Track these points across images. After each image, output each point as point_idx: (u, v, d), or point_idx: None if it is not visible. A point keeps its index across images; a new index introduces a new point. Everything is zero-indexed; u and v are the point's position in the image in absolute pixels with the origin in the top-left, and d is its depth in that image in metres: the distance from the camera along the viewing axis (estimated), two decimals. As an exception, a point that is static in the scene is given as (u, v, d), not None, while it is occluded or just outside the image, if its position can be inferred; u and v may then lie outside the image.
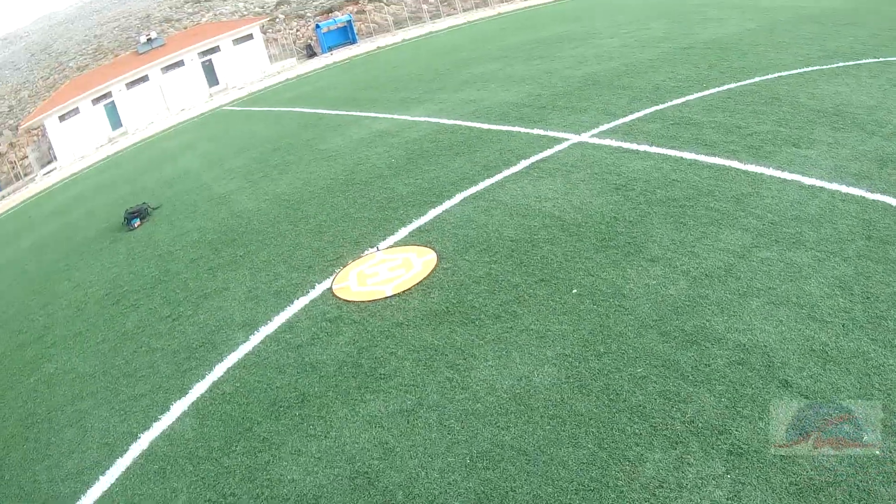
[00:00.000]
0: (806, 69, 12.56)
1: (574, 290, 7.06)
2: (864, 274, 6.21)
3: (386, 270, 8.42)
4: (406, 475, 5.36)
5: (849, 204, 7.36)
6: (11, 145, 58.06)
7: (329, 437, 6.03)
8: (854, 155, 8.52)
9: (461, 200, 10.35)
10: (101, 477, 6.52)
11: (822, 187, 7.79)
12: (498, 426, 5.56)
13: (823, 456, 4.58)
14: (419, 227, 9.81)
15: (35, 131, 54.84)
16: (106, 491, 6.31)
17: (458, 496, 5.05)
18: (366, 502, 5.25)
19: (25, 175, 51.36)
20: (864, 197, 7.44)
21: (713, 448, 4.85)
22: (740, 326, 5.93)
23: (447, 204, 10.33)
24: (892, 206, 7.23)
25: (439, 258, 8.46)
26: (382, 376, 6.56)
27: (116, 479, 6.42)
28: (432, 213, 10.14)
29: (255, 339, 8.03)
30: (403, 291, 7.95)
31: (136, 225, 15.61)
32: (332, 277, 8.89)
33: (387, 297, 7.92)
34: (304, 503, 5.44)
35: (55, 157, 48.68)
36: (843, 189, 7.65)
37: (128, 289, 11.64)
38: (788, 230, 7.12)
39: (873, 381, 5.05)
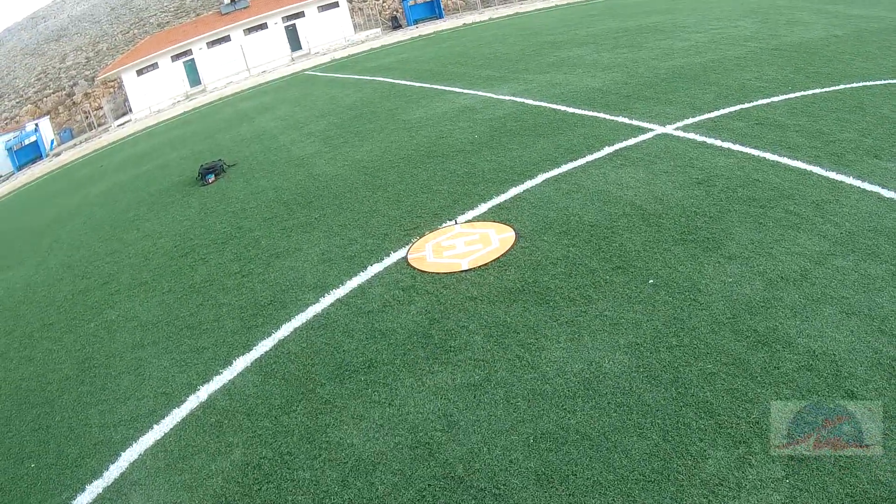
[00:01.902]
0: (892, 80, 12.26)
1: (650, 281, 7.10)
2: None
3: (463, 244, 8.56)
4: (468, 449, 5.51)
5: None
6: (87, 95, 59.91)
7: (393, 405, 6.22)
8: (933, 171, 8.38)
9: (542, 181, 10.43)
10: (154, 425, 6.85)
11: None
12: (564, 409, 5.67)
13: (881, 470, 4.59)
14: (499, 205, 9.93)
15: (112, 83, 56.52)
16: (159, 440, 6.62)
17: (518, 475, 5.17)
18: (425, 473, 5.41)
19: (99, 125, 53.02)
20: (940, 215, 7.33)
21: (775, 451, 4.89)
22: (812, 332, 5.92)
23: (528, 184, 10.42)
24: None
25: (518, 236, 8.57)
26: (452, 349, 6.72)
27: (171, 429, 6.73)
28: (513, 192, 10.24)
29: (326, 301, 8.27)
30: (479, 266, 8.08)
31: (210, 180, 16.04)
32: (407, 247, 9.07)
33: (462, 271, 8.06)
34: (362, 468, 5.63)
35: (130, 110, 50.15)
36: None
37: (198, 242, 12.03)
38: (865, 241, 7.04)
39: None
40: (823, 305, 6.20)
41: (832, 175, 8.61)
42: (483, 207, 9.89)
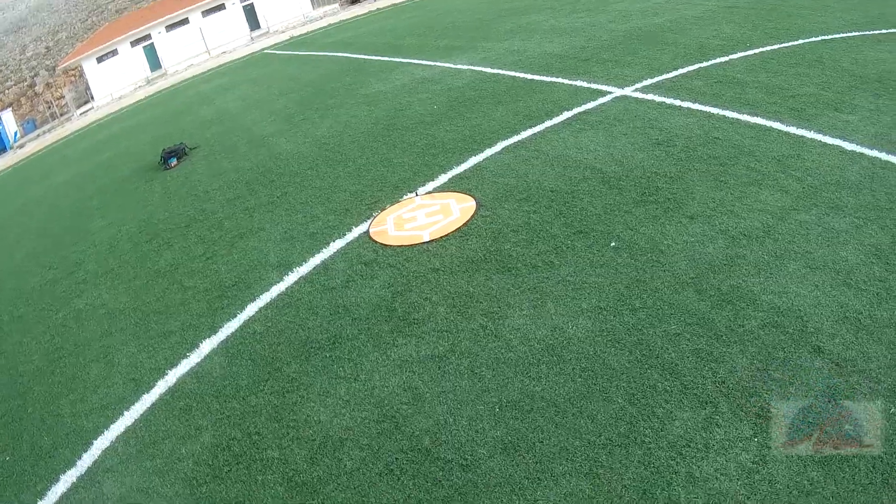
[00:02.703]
0: (850, 34, 12.20)
1: (612, 244, 7.01)
2: None
3: (424, 216, 8.43)
4: (434, 421, 5.42)
5: (889, 172, 7.17)
6: (48, 85, 58.77)
7: (359, 379, 6.11)
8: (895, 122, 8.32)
9: (502, 149, 10.28)
10: (125, 412, 6.72)
11: (862, 153, 7.60)
12: (529, 376, 5.59)
13: (850, 428, 4.55)
14: (459, 175, 9.78)
15: (73, 72, 55.43)
16: (130, 426, 6.50)
17: (484, 444, 5.09)
18: (392, 447, 5.32)
19: (62, 115, 52.08)
20: (904, 166, 7.29)
21: (742, 410, 4.83)
22: (776, 289, 5.86)
23: (488, 152, 10.28)
24: (931, 177, 7.06)
25: (478, 205, 8.45)
26: (416, 321, 6.61)
27: (141, 415, 6.61)
28: (473, 161, 10.09)
29: (289, 279, 8.13)
30: (441, 237, 7.96)
31: (172, 164, 15.76)
32: (369, 221, 8.93)
33: (424, 243, 7.94)
34: (330, 445, 5.54)
35: (92, 98, 49.23)
36: (884, 157, 7.45)
37: (162, 227, 11.80)
38: (828, 195, 6.98)
39: None
40: (787, 261, 6.14)
41: (793, 130, 8.54)
42: (443, 178, 9.74)
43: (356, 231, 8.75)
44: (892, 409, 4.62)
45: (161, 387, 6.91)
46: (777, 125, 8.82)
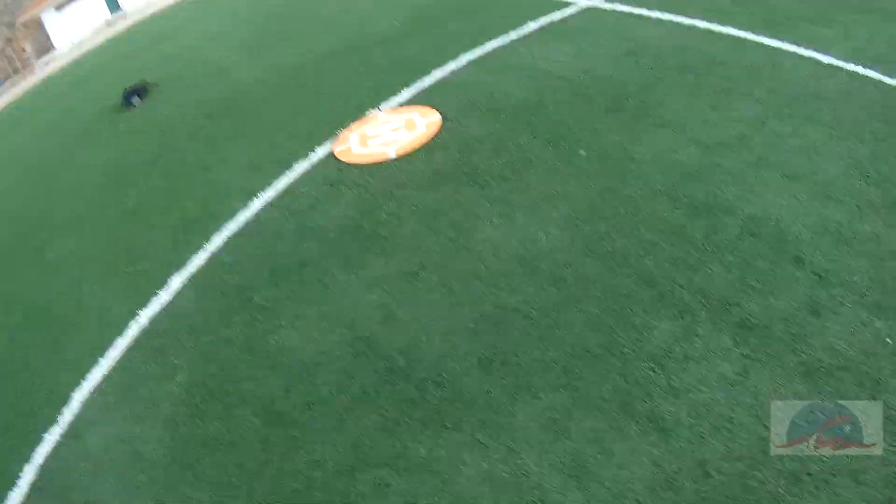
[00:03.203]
0: None
1: (581, 152, 6.72)
2: (880, 157, 5.76)
3: (389, 132, 8.06)
4: (407, 339, 5.19)
5: (866, 86, 6.83)
6: (9, 40, 57.00)
7: (329, 302, 5.86)
8: (872, 38, 7.86)
9: (467, 63, 9.81)
10: (101, 359, 6.42)
11: (839, 67, 7.23)
12: (501, 288, 5.34)
13: (834, 338, 4.33)
14: (423, 90, 9.33)
15: (33, 24, 53.70)
16: (107, 374, 6.23)
17: (459, 360, 4.87)
18: (366, 369, 5.10)
19: (25, 68, 50.63)
20: (881, 80, 6.87)
21: (722, 320, 4.62)
22: (753, 198, 5.60)
23: (452, 65, 9.81)
24: (910, 93, 6.73)
25: (444, 119, 8.07)
26: (384, 239, 6.34)
27: (117, 361, 6.34)
28: (437, 75, 9.63)
29: (255, 206, 7.80)
30: (406, 152, 7.61)
31: (135, 104, 15.18)
32: (333, 141, 8.55)
33: (389, 159, 7.60)
34: (304, 371, 5.33)
35: (54, 47, 47.82)
36: (861, 70, 7.08)
37: (127, 167, 11.35)
38: (804, 106, 6.63)
39: (888, 268, 4.75)
40: (764, 171, 5.86)
41: (767, 41, 8.12)
42: (407, 94, 9.30)
43: (320, 152, 8.38)
44: (877, 323, 4.42)
45: (134, 329, 6.61)
46: (751, 36, 8.38)
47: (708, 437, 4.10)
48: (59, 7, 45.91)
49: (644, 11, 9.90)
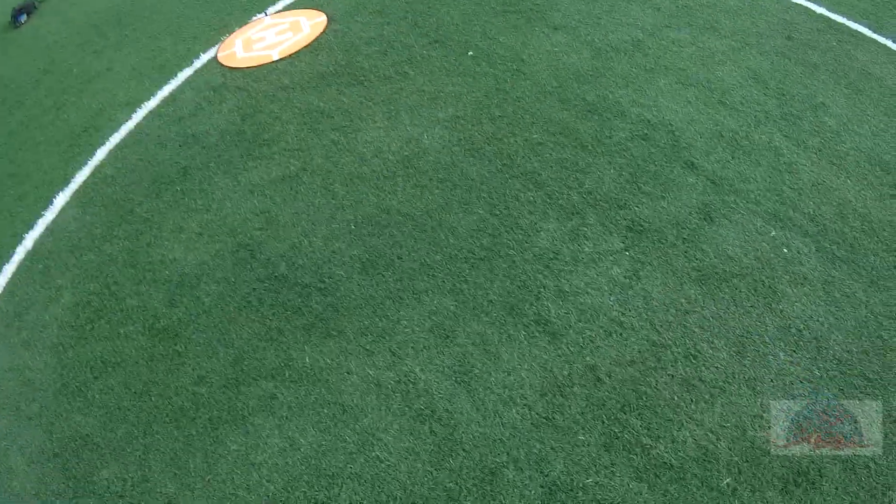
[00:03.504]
0: None
1: (470, 53, 6.19)
2: (781, 71, 5.42)
3: (273, 35, 7.33)
4: (288, 245, 4.70)
5: (770, 1, 6.45)
6: None
7: (211, 210, 5.30)
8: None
9: (357, -36, 9.05)
10: (-13, 290, 5.74)
11: None
12: (385, 190, 4.88)
13: (728, 245, 4.01)
14: (312, -9, 8.54)
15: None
16: (-7, 306, 5.56)
17: (342, 265, 4.43)
18: (249, 277, 4.62)
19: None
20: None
21: (612, 223, 4.28)
22: (646, 102, 5.22)
23: (342, -33, 9.03)
24: (813, 11, 6.27)
25: (330, 20, 7.36)
26: (266, 142, 5.73)
27: (4, 288, 5.66)
28: (326, -25, 8.86)
29: (138, 116, 7.02)
30: (290, 55, 6.92)
31: (23, 21, 13.83)
32: (217, 46, 7.78)
33: (273, 62, 6.89)
34: (187, 283, 4.83)
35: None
36: None
37: (13, 87, 10.24)
38: (703, 15, 6.19)
39: (784, 179, 4.49)
40: (658, 76, 5.46)
41: None
42: (295, -5, 8.53)
43: (204, 58, 7.59)
44: (773, 232, 4.13)
45: (20, 253, 5.90)
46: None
47: (598, 341, 3.80)
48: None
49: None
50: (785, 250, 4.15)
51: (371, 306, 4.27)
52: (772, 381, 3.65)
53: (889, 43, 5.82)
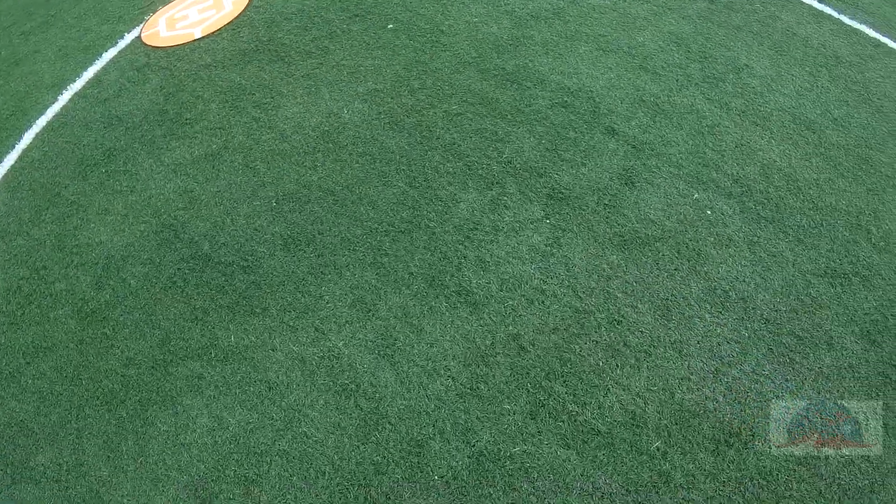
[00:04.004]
0: None
1: (390, 26, 5.75)
2: (703, 34, 5.11)
3: (196, 12, 6.78)
4: (211, 224, 4.31)
5: None
6: None
7: (135, 191, 4.84)
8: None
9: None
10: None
11: None
12: (305, 166, 4.49)
13: (650, 209, 3.76)
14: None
15: None
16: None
17: (264, 242, 4.07)
18: (173, 257, 4.23)
19: None
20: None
21: (532, 191, 3.99)
22: (566, 69, 4.87)
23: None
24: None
25: (251, -5, 6.87)
26: (188, 121, 5.24)
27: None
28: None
29: (64, 98, 6.45)
30: (213, 32, 6.40)
31: (-45, 0, 12.81)
32: (141, 25, 7.21)
33: (196, 40, 6.35)
34: (113, 265, 4.39)
35: None
36: None
37: (-58, 73, 9.50)
38: None
39: (707, 141, 4.24)
40: (578, 43, 5.09)
41: None
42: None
43: (128, 38, 7.00)
44: (696, 195, 3.89)
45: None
46: None
47: (520, 310, 3.55)
48: None
49: None
50: (708, 212, 3.95)
51: (293, 283, 3.95)
52: (698, 343, 3.46)
53: (814, 3, 5.58)
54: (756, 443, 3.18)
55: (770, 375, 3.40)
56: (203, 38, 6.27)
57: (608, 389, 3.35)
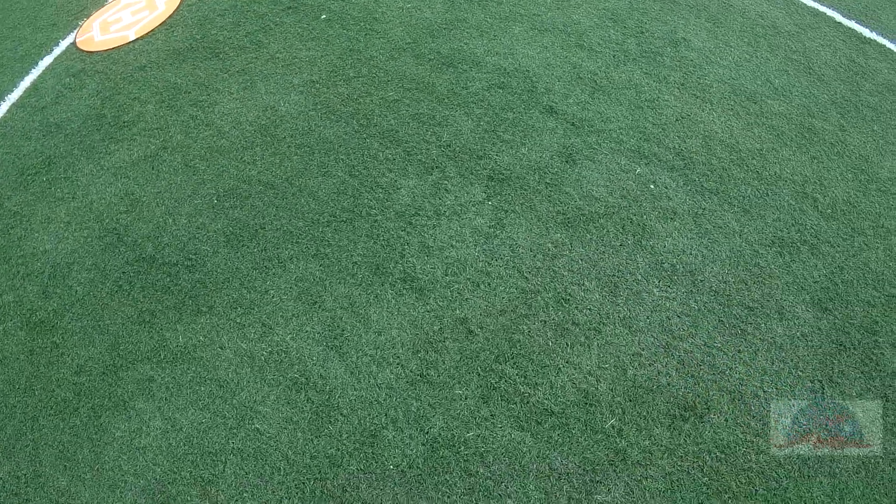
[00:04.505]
0: None
1: (323, 16, 5.36)
2: (639, 10, 4.80)
3: (129, 14, 6.27)
4: (153, 225, 3.93)
5: None
6: None
7: (77, 197, 4.41)
8: None
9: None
10: None
11: None
12: (244, 161, 4.12)
13: (593, 186, 3.51)
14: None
15: None
16: None
17: (207, 240, 3.71)
18: (117, 261, 3.84)
19: None
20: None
21: (472, 174, 3.69)
22: (501, 51, 4.54)
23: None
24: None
25: (184, -6, 6.39)
26: (126, 124, 4.79)
27: None
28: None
29: (2, 109, 5.90)
30: (147, 33, 5.92)
31: None
32: (75, 31, 6.68)
33: (130, 42, 5.86)
34: (59, 273, 3.97)
35: None
36: None
37: None
38: None
39: (646, 115, 3.95)
40: (513, 24, 4.74)
41: None
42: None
43: (63, 44, 6.46)
44: (638, 169, 3.63)
45: None
46: None
47: (466, 293, 3.27)
48: None
49: None
50: (651, 186, 3.71)
51: (238, 279, 3.62)
52: (648, 318, 3.23)
53: (750, -26, 5.37)
54: (711, 416, 2.98)
55: (722, 348, 3.19)
56: (137, 39, 5.79)
57: (559, 369, 3.11)
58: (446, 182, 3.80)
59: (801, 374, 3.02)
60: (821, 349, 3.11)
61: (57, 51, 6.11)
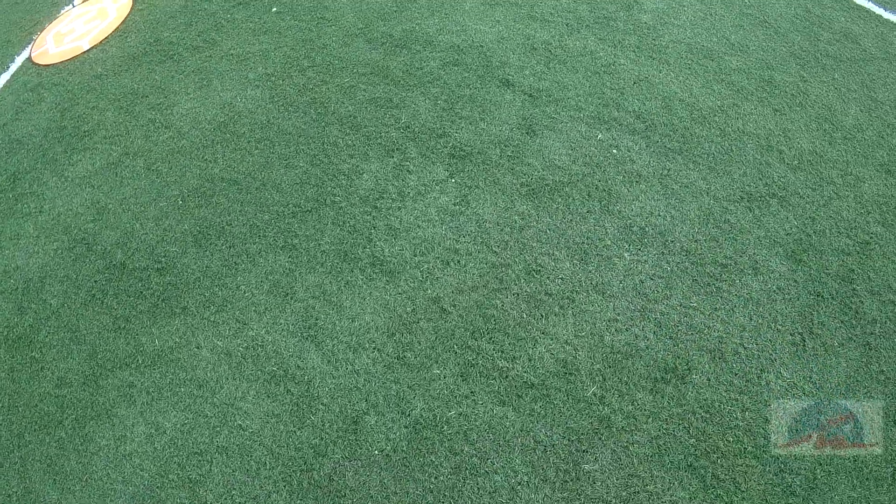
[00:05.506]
0: None
1: (274, 9, 5.14)
2: None
3: (82, 24, 5.99)
4: (121, 232, 3.73)
5: None
6: None
7: (44, 211, 4.19)
8: None
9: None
10: None
11: None
12: (206, 160, 3.93)
13: (554, 155, 3.36)
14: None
15: None
16: None
17: (175, 242, 3.53)
18: (89, 271, 3.65)
19: None
20: None
21: (433, 153, 3.53)
22: (453, 28, 4.35)
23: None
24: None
25: (134, 1, 6.14)
26: (86, 133, 4.56)
27: None
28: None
29: (-36, 129, 5.67)
30: (101, 42, 5.66)
31: None
32: (30, 46, 6.39)
33: (85, 52, 5.59)
34: (32, 288, 3.77)
35: None
36: None
37: None
38: None
39: (604, 81, 3.78)
40: (464, 1, 4.56)
41: None
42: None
43: (19, 60, 6.18)
44: (599, 135, 3.48)
45: None
46: None
47: (437, 272, 3.12)
48: None
49: None
50: (614, 151, 3.56)
51: (209, 277, 3.45)
52: (621, 282, 3.10)
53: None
54: (693, 376, 2.87)
55: (698, 307, 3.06)
56: (92, 48, 5.52)
57: (536, 341, 2.98)
58: (408, 163, 3.65)
59: (780, 328, 2.91)
60: (798, 301, 3.00)
61: (13, 67, 5.82)
